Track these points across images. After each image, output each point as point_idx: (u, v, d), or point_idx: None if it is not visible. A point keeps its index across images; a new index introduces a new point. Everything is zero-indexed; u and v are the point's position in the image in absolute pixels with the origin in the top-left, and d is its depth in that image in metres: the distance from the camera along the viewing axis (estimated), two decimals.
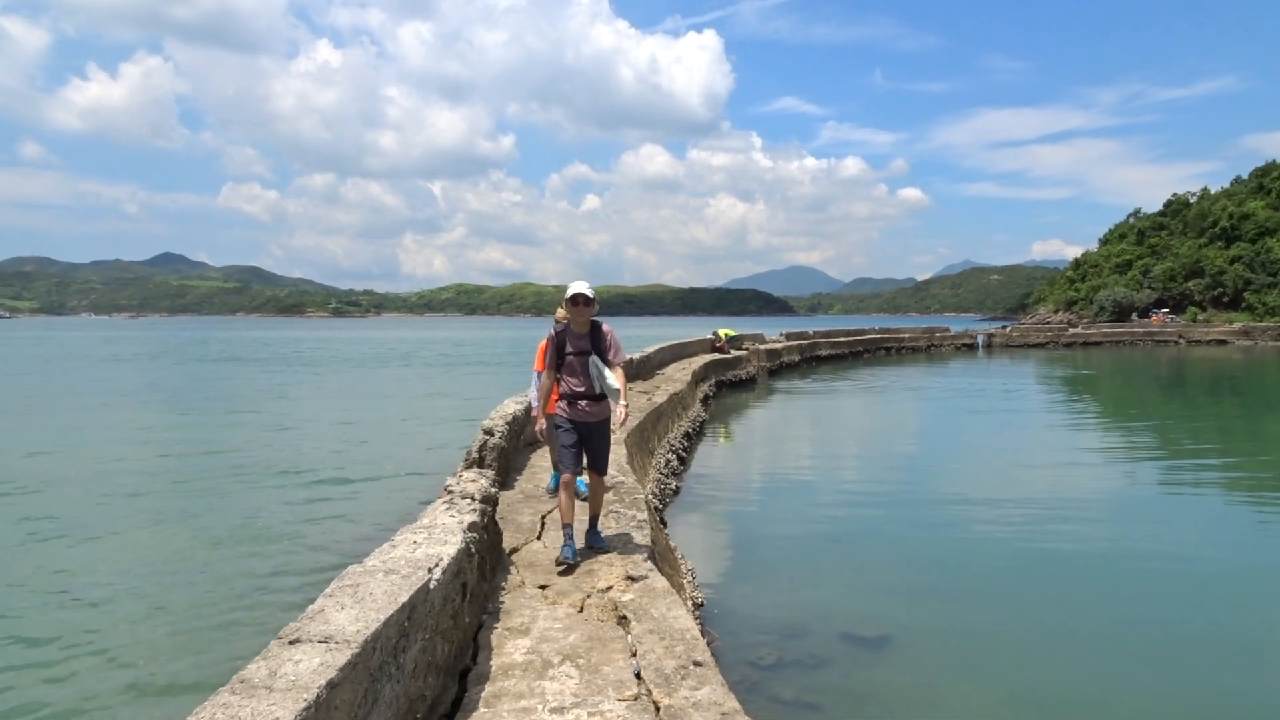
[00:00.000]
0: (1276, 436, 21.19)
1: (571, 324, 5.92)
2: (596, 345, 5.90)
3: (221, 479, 14.19)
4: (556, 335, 5.96)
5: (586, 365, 5.85)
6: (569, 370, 5.90)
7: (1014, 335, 68.46)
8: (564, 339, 5.91)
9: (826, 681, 6.32)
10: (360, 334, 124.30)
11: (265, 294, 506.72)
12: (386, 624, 3.18)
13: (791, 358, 41.54)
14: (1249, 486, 14.19)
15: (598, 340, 5.92)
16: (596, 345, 5.90)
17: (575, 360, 5.87)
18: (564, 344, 5.91)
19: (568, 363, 5.89)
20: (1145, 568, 9.40)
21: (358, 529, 10.86)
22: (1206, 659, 6.96)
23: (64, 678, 6.62)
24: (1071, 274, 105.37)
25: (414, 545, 4.31)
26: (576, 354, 5.87)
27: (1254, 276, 79.84)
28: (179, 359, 54.72)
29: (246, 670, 2.71)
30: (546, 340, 7.21)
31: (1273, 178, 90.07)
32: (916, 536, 10.82)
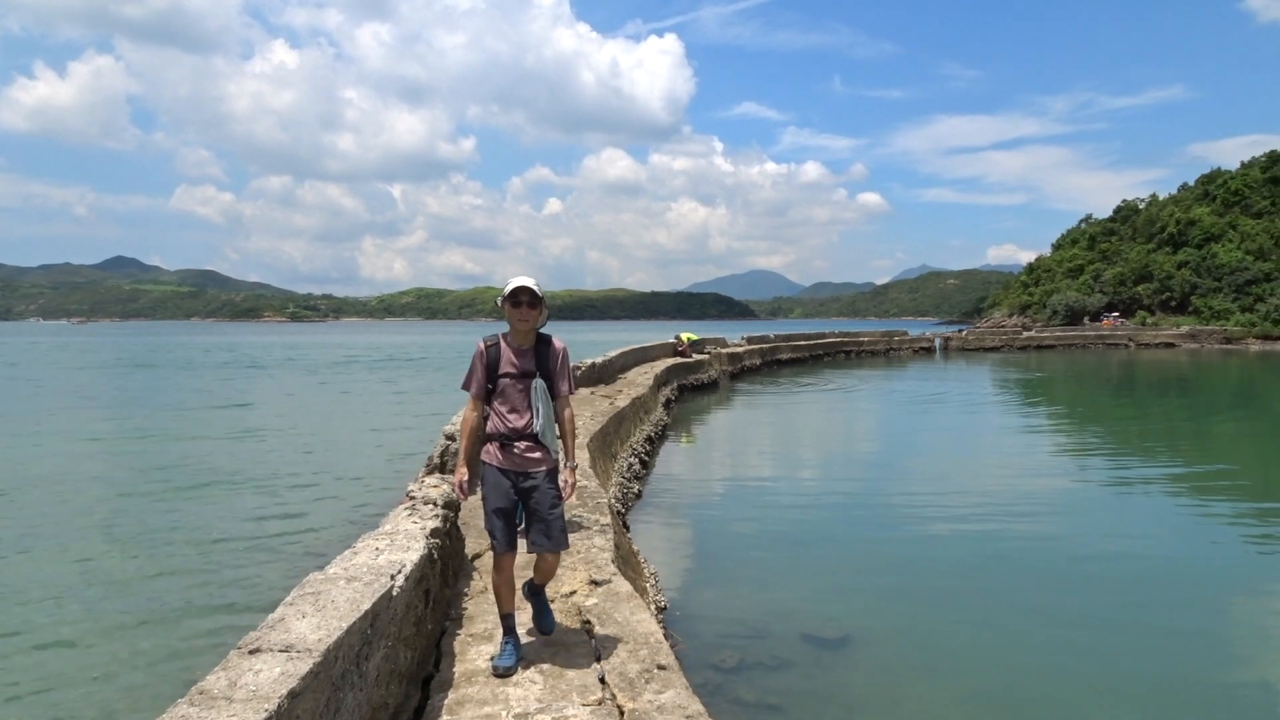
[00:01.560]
0: (1221, 437, 21.78)
1: (510, 333, 4.36)
2: (542, 366, 4.33)
3: (176, 488, 13.93)
4: (487, 350, 4.33)
5: (529, 393, 4.28)
6: (504, 399, 4.30)
7: (970, 339, 69.56)
8: (497, 355, 4.32)
9: (788, 683, 6.37)
10: (318, 339, 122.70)
11: (221, 298, 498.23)
12: (349, 632, 3.15)
13: (753, 361, 41.79)
14: (1195, 485, 14.55)
15: (544, 359, 4.34)
16: (542, 366, 4.33)
17: (513, 385, 4.28)
18: (497, 361, 4.31)
19: (502, 388, 4.29)
20: (1097, 565, 9.61)
21: (317, 536, 10.72)
22: (1157, 652, 7.13)
23: (15, 692, 6.46)
24: (1025, 278, 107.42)
25: (376, 552, 4.27)
26: (516, 376, 4.28)
27: (1200, 281, 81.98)
28: (131, 365, 53.58)
29: (205, 681, 2.67)
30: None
31: (1217, 185, 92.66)
32: (876, 538, 10.96)
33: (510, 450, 4.25)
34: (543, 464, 4.28)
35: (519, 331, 4.31)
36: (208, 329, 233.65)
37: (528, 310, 4.27)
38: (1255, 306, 75.63)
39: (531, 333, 4.35)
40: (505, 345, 4.32)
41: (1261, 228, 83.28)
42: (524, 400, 4.26)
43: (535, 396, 4.24)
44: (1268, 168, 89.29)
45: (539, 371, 4.29)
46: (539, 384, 4.26)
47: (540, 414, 4.22)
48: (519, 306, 4.25)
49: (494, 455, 4.30)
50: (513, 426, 4.24)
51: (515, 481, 4.25)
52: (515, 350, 4.31)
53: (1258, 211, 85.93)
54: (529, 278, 4.30)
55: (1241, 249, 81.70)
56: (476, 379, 4.32)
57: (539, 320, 4.37)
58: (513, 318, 4.28)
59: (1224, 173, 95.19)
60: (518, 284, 4.25)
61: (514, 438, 4.24)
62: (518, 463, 4.25)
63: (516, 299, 4.25)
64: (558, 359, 4.37)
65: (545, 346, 4.37)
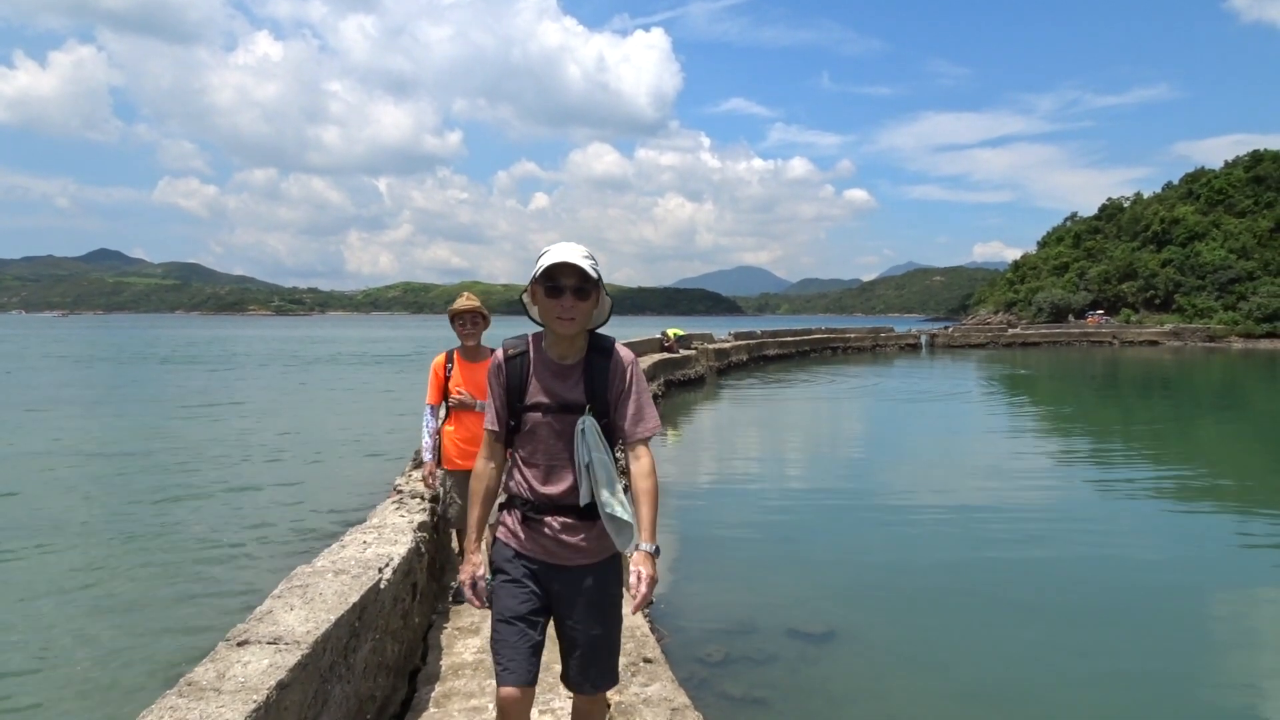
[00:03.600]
0: (1204, 435, 21.99)
1: (546, 337, 2.74)
2: (596, 393, 2.69)
3: (160, 481, 13.86)
4: (507, 363, 2.73)
5: (574, 438, 2.64)
6: (531, 445, 2.70)
7: (956, 336, 69.92)
8: (523, 373, 2.71)
9: (774, 677, 6.40)
10: (304, 333, 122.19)
11: (206, 291, 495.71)
12: (337, 624, 3.16)
13: (740, 357, 41.88)
14: (1178, 483, 14.69)
15: (599, 381, 2.70)
16: (596, 393, 2.69)
17: (547, 424, 2.68)
18: (523, 383, 2.71)
19: (530, 427, 2.69)
20: (1081, 562, 9.69)
21: (304, 529, 10.70)
22: (1140, 647, 7.21)
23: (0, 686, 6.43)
24: (1011, 276, 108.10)
25: (364, 545, 4.28)
26: (552, 409, 2.68)
27: (1184, 279, 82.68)
28: (114, 359, 53.24)
29: (194, 672, 2.68)
30: (444, 357, 5.43)
31: (1201, 184, 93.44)
32: (862, 534, 11.02)
33: (539, 529, 2.65)
34: (591, 553, 2.67)
35: (560, 337, 2.65)
36: (192, 322, 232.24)
37: (574, 301, 2.57)
38: (1238, 305, 76.33)
39: (580, 339, 2.69)
40: (537, 356, 2.70)
41: (1244, 227, 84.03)
42: (564, 449, 2.63)
43: (584, 444, 2.59)
44: (1250, 167, 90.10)
45: (590, 402, 2.64)
46: (589, 423, 2.60)
47: (592, 472, 2.57)
48: (559, 295, 2.56)
49: (512, 532, 2.71)
50: (545, 492, 2.64)
51: (543, 577, 2.66)
52: (553, 366, 2.67)
53: (1240, 210, 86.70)
54: (577, 246, 2.62)
55: (1225, 248, 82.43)
56: (494, 407, 2.73)
57: (593, 317, 2.70)
58: (549, 314, 2.61)
59: (1208, 172, 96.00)
60: (559, 258, 2.54)
61: (545, 509, 2.64)
62: (550, 549, 2.65)
63: (556, 282, 2.56)
64: (623, 380, 2.70)
65: (602, 359, 2.69)
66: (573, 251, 2.60)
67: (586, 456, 2.60)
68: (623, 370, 2.73)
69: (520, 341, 2.78)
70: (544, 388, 2.69)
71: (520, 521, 2.71)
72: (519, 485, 2.73)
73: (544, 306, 2.64)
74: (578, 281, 2.59)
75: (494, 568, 2.76)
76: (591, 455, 2.60)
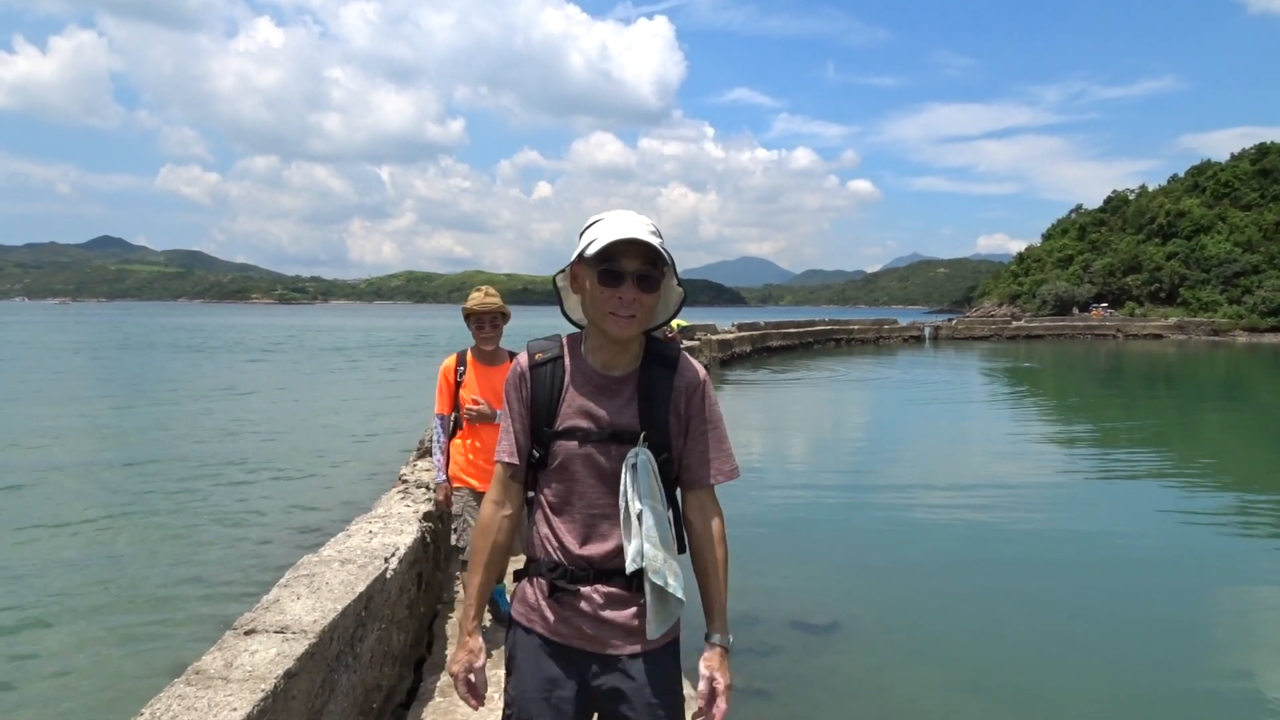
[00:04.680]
0: (1207, 428, 21.98)
1: (589, 339, 2.02)
2: (653, 414, 1.96)
3: (166, 470, 13.89)
4: (533, 371, 2.01)
5: (621, 477, 1.91)
6: (563, 486, 1.98)
7: (959, 328, 69.88)
8: (555, 386, 1.99)
9: (777, 668, 6.42)
10: (308, 321, 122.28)
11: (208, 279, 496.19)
12: (344, 614, 3.17)
13: (743, 348, 41.86)
14: (1181, 476, 14.69)
15: (658, 400, 1.96)
16: (653, 414, 1.96)
17: (585, 457, 1.95)
18: (553, 401, 1.99)
19: (562, 460, 1.96)
20: (1084, 553, 9.70)
21: (309, 518, 10.72)
22: (1142, 639, 7.22)
23: (6, 674, 6.45)
24: (1015, 268, 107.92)
25: (369, 535, 4.29)
26: (595, 437, 1.95)
27: (1189, 273, 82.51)
28: (118, 347, 53.34)
29: (202, 661, 2.69)
30: (455, 360, 4.74)
31: (1207, 177, 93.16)
32: (865, 525, 11.03)
33: (573, 604, 1.96)
34: (630, 640, 1.97)
35: (613, 341, 1.95)
36: (196, 311, 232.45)
37: (637, 293, 1.87)
38: (1243, 299, 76.18)
39: (635, 343, 1.98)
40: (574, 364, 2.00)
41: (1250, 220, 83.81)
42: (607, 493, 1.94)
43: (635, 486, 1.89)
44: (1257, 160, 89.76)
45: (647, 429, 1.94)
46: (643, 458, 1.91)
47: (645, 526, 1.88)
48: (617, 283, 1.87)
49: (534, 608, 2.01)
50: (582, 553, 1.95)
51: (579, 670, 1.98)
52: (596, 378, 1.98)
53: (1246, 204, 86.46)
54: (639, 215, 1.91)
55: (1230, 241, 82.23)
56: (511, 432, 2.03)
57: (656, 314, 1.98)
58: (599, 308, 1.90)
59: (1214, 165, 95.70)
60: (621, 233, 1.83)
61: (582, 576, 1.95)
62: (588, 633, 1.96)
63: (614, 265, 1.86)
64: (693, 403, 2.00)
65: (663, 372, 1.99)
66: (637, 224, 1.86)
67: (637, 504, 1.87)
68: (693, 389, 1.99)
69: (551, 344, 2.05)
70: (583, 407, 1.94)
71: (546, 595, 1.96)
72: (545, 543, 1.98)
73: (593, 297, 1.89)
74: (643, 265, 1.86)
75: (510, 664, 2.07)
76: (643, 503, 1.87)
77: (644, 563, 1.88)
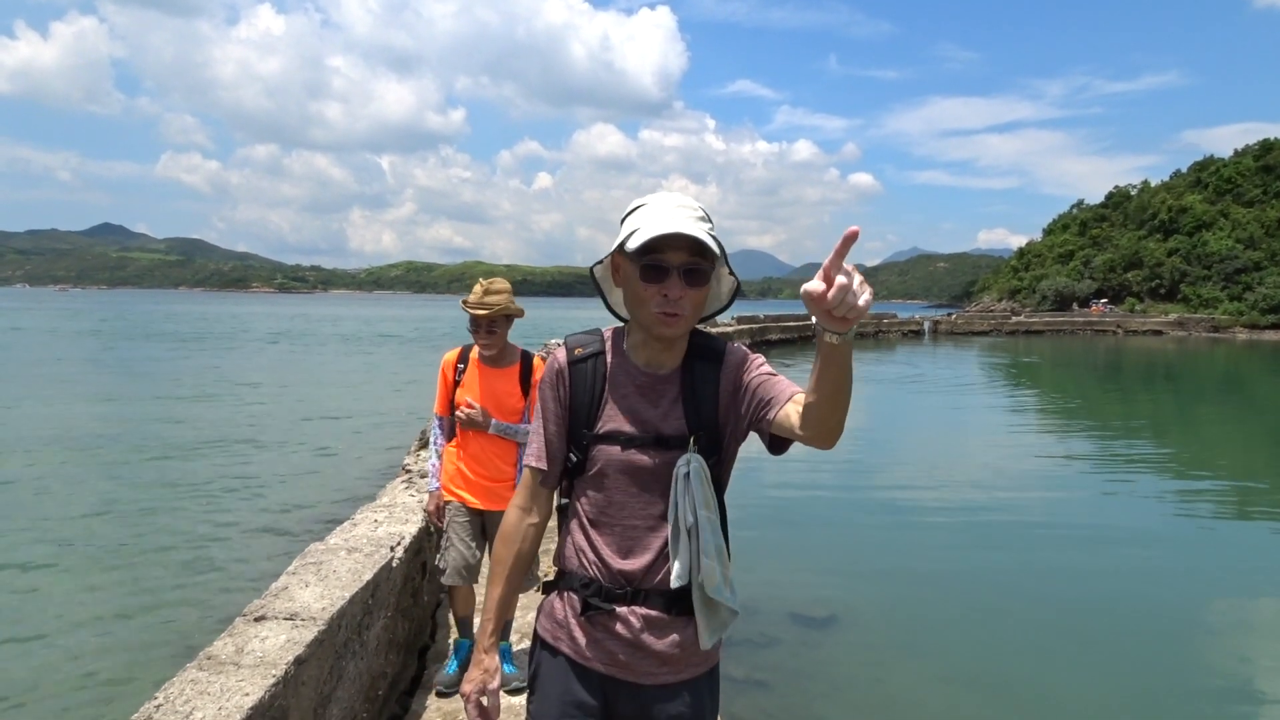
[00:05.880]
0: (1205, 426, 22.02)
1: (631, 335, 1.86)
2: (704, 413, 1.80)
3: (173, 459, 13.94)
4: (572, 368, 1.84)
5: (665, 487, 1.76)
6: (600, 492, 1.81)
7: (959, 322, 69.87)
8: (595, 386, 1.82)
9: (776, 660, 6.47)
10: (310, 310, 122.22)
11: (209, 267, 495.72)
12: (352, 601, 3.21)
13: (743, 341, 41.78)
14: (1179, 473, 14.73)
15: (708, 396, 1.81)
16: (704, 413, 1.80)
17: (630, 464, 1.78)
18: (594, 403, 1.82)
19: (600, 466, 1.80)
20: (1082, 550, 9.75)
21: (315, 508, 10.77)
22: (1140, 634, 7.27)
23: (15, 657, 6.51)
24: (1015, 263, 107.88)
25: (375, 524, 4.33)
26: (640, 441, 1.78)
27: (1190, 269, 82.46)
28: (124, 336, 53.36)
29: (213, 647, 2.73)
30: (457, 355, 4.15)
31: (1210, 172, 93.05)
32: (864, 520, 11.09)
33: (608, 626, 1.78)
34: (685, 665, 1.82)
35: (658, 339, 1.78)
36: (196, 299, 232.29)
37: (684, 289, 1.71)
38: (1244, 295, 76.11)
39: (680, 339, 1.81)
40: (616, 361, 1.84)
41: (1252, 216, 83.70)
42: (651, 503, 1.78)
43: (688, 497, 1.73)
44: (1260, 156, 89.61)
45: (696, 432, 1.78)
46: (696, 465, 1.75)
47: (702, 540, 1.72)
48: (662, 277, 1.70)
49: (562, 625, 1.84)
50: (621, 568, 1.78)
51: (608, 699, 1.81)
52: (640, 376, 1.82)
53: (1249, 200, 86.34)
54: (687, 200, 1.74)
55: (1232, 237, 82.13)
56: (543, 434, 1.86)
57: (710, 304, 1.85)
58: (642, 304, 1.74)
59: (1216, 160, 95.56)
60: (666, 226, 1.66)
61: (620, 595, 1.78)
62: (623, 659, 1.77)
63: (658, 261, 1.69)
64: (740, 373, 1.83)
65: (709, 368, 1.83)
66: (682, 212, 1.70)
67: (690, 516, 1.70)
68: (740, 368, 1.84)
69: (591, 338, 1.89)
70: (626, 409, 1.79)
71: (577, 613, 1.79)
72: (579, 554, 1.81)
73: (635, 293, 1.73)
74: (690, 258, 1.68)
75: (533, 683, 1.88)
76: (698, 514, 1.70)
77: (702, 578, 1.72)
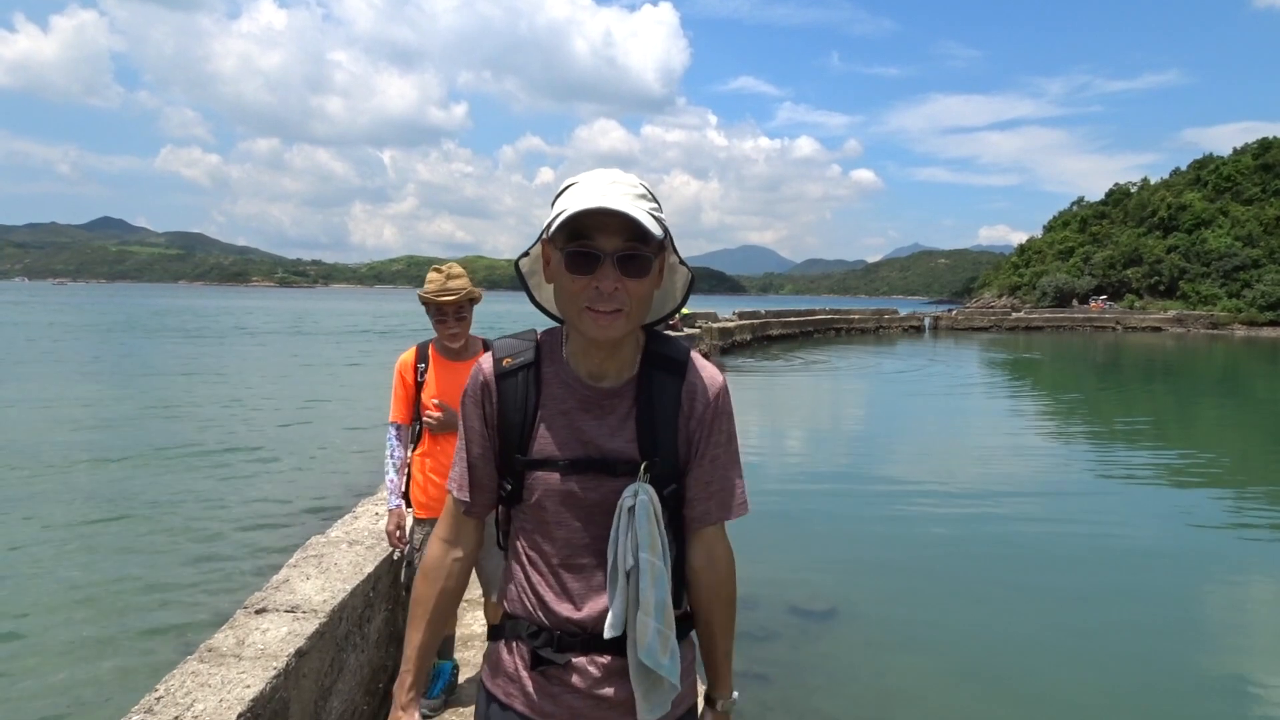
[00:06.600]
0: (1203, 422, 22.03)
1: (571, 340, 1.51)
2: (660, 435, 1.48)
3: (174, 453, 13.92)
4: (498, 381, 1.51)
5: (615, 519, 1.43)
6: (538, 526, 1.51)
7: (959, 318, 69.88)
8: (526, 402, 1.50)
9: (775, 653, 6.48)
10: (311, 305, 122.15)
11: (209, 261, 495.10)
12: (353, 594, 3.22)
13: (743, 337, 41.89)
14: (1177, 468, 14.74)
15: (666, 416, 1.49)
16: (660, 435, 1.48)
17: (571, 494, 1.47)
18: (525, 423, 1.49)
19: (538, 498, 1.48)
20: (1080, 544, 9.75)
21: (317, 501, 10.76)
22: (1138, 628, 7.28)
23: (16, 651, 6.51)
24: (1016, 260, 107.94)
25: (376, 517, 4.33)
26: (580, 467, 1.46)
27: (1189, 266, 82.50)
28: (118, 329, 53.32)
29: (214, 639, 2.73)
30: (414, 355, 3.68)
31: (1209, 170, 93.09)
32: (863, 514, 11.09)
33: (560, 676, 1.49)
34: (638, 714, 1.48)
35: (594, 344, 1.46)
36: (196, 293, 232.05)
37: (620, 279, 1.37)
38: (1242, 293, 76.22)
39: (629, 344, 1.50)
40: (554, 372, 1.53)
41: (1251, 214, 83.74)
42: (596, 536, 1.48)
43: (630, 533, 1.43)
44: (1259, 154, 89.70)
45: (649, 457, 1.47)
46: (644, 498, 1.43)
47: (638, 586, 1.43)
48: (592, 266, 1.37)
49: (513, 679, 1.54)
50: (568, 615, 1.49)
51: None
52: (582, 390, 1.50)
53: (1248, 198, 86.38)
54: (623, 175, 1.42)
55: (1231, 235, 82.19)
56: (466, 458, 1.57)
57: (654, 305, 1.52)
58: (572, 302, 1.41)
59: (1216, 159, 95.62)
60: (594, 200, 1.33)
61: (572, 643, 1.49)
62: (583, 708, 1.49)
63: (586, 244, 1.36)
64: (706, 420, 1.53)
65: (668, 380, 1.51)
66: (616, 187, 1.37)
67: (629, 558, 1.42)
68: (707, 401, 1.52)
69: (522, 344, 1.54)
70: (566, 429, 1.48)
71: (528, 665, 1.50)
72: (523, 598, 1.53)
73: (563, 287, 1.41)
74: (626, 242, 1.36)
75: None
76: (637, 557, 1.42)
77: (634, 634, 1.42)
